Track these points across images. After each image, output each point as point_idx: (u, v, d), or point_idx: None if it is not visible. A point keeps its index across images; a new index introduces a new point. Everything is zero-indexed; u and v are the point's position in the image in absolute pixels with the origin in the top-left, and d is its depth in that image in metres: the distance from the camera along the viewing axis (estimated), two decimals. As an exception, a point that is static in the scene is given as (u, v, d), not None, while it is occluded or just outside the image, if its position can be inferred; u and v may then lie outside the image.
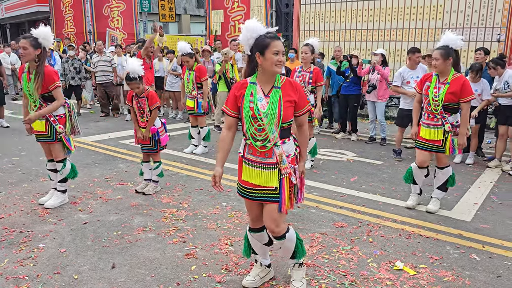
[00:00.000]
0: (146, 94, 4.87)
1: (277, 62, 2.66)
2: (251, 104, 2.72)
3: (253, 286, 3.06)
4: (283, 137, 2.76)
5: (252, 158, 2.82)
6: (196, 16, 27.69)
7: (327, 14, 10.92)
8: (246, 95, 2.75)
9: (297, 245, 2.97)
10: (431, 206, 4.60)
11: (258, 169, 2.80)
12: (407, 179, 4.77)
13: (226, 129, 2.89)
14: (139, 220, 4.26)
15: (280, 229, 2.84)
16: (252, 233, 3.04)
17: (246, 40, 2.73)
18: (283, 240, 2.89)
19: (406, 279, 3.21)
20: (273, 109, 2.68)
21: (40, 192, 4.99)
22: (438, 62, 4.27)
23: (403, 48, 9.88)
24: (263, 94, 2.74)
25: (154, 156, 5.12)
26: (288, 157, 2.77)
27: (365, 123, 9.88)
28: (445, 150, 4.41)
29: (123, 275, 3.23)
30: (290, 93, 2.74)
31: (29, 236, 3.86)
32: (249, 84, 2.79)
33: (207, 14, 14.04)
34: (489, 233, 4.07)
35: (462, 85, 4.24)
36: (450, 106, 4.33)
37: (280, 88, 2.74)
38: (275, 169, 2.76)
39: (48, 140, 4.46)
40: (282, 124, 2.72)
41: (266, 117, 2.69)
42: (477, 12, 8.87)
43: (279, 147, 2.74)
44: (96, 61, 10.46)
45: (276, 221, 2.81)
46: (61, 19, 17.43)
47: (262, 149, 2.75)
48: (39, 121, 4.38)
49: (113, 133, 8.59)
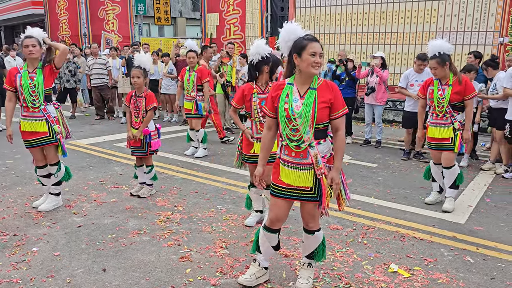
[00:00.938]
0: (144, 94, 4.88)
1: (313, 63, 2.69)
2: (286, 105, 2.78)
3: (248, 285, 3.10)
4: (318, 138, 2.79)
5: (288, 159, 2.86)
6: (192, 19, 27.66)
7: (322, 18, 10.96)
8: (282, 96, 2.81)
9: (319, 248, 3.05)
10: (447, 205, 4.71)
11: (293, 169, 2.84)
12: (426, 176, 5.00)
13: (266, 129, 2.99)
14: (134, 223, 4.25)
15: (315, 224, 2.98)
16: (265, 231, 3.05)
17: (284, 42, 2.80)
18: (311, 235, 3.00)
19: (401, 282, 3.22)
20: (307, 110, 2.71)
21: (34, 195, 4.96)
22: (437, 71, 4.53)
23: (397, 52, 9.93)
24: (299, 95, 2.78)
25: (146, 160, 5.05)
26: (324, 157, 2.81)
27: (360, 126, 9.91)
28: (455, 148, 4.57)
29: (117, 278, 3.21)
30: (325, 95, 2.74)
31: (23, 240, 3.83)
32: (286, 85, 2.85)
33: (202, 17, 14.05)
34: (483, 235, 4.09)
35: (464, 84, 4.49)
36: (456, 105, 4.56)
37: (316, 89, 2.76)
38: (310, 170, 2.80)
39: (50, 142, 4.39)
40: (317, 125, 2.76)
41: (300, 118, 2.73)
42: (471, 16, 8.94)
43: (314, 147, 2.77)
44: (91, 64, 10.43)
45: (314, 217, 2.95)
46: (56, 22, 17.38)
47: (297, 150, 2.80)
48: (38, 122, 4.32)
49: (108, 136, 8.56)
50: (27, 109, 4.31)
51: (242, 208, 4.69)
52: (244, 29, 13.02)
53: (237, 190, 5.32)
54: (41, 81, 4.26)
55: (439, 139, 4.65)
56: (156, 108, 4.98)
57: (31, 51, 4.21)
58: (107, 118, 10.72)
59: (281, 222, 3.02)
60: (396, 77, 9.88)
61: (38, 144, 4.40)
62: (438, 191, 4.93)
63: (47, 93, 4.36)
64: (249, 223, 4.27)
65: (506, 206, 4.89)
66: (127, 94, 5.13)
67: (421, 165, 6.69)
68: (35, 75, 4.26)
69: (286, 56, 2.85)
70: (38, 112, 4.32)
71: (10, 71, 4.39)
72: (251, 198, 4.25)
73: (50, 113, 4.37)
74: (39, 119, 4.33)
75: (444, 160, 4.68)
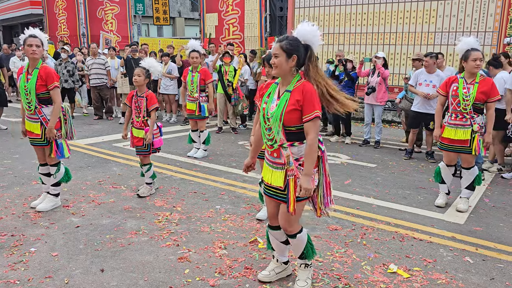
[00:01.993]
0: (146, 94, 4.90)
1: None
2: (265, 105, 2.82)
3: (267, 280, 3.15)
4: (291, 139, 2.76)
5: (267, 157, 2.92)
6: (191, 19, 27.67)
7: (321, 18, 10.96)
8: (264, 95, 2.86)
9: (307, 247, 3.03)
10: (461, 205, 4.70)
11: (270, 168, 2.89)
12: (436, 178, 4.93)
13: (255, 123, 3.07)
14: (132, 223, 4.23)
15: (291, 228, 2.94)
16: (269, 229, 3.13)
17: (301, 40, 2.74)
18: (293, 239, 2.99)
19: (400, 282, 3.21)
20: (277, 112, 2.72)
21: (32, 196, 4.94)
22: (481, 63, 4.50)
23: (396, 52, 9.94)
24: (277, 95, 2.80)
25: (144, 159, 5.06)
26: (298, 160, 2.77)
27: (359, 126, 9.91)
28: (472, 150, 4.52)
29: (115, 279, 3.20)
30: (297, 98, 2.69)
31: (21, 240, 3.81)
32: (273, 84, 2.89)
33: (201, 17, 14.04)
34: (482, 235, 4.08)
35: (492, 85, 4.48)
36: (478, 106, 4.52)
37: (291, 91, 2.73)
38: (282, 170, 2.80)
39: (41, 144, 4.42)
40: (287, 127, 2.73)
41: (271, 118, 2.74)
42: (470, 16, 8.95)
43: (286, 148, 2.76)
44: (90, 64, 10.41)
45: (288, 220, 2.91)
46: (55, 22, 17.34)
47: (270, 149, 2.83)
48: (34, 123, 4.36)
49: (106, 136, 8.54)
50: (26, 111, 4.38)
51: (241, 208, 4.68)
52: (243, 29, 13.01)
53: (235, 190, 5.31)
54: (33, 85, 4.23)
55: (456, 140, 4.58)
56: (157, 108, 5.01)
57: (34, 51, 4.22)
58: (106, 118, 10.69)
59: (276, 219, 3.03)
60: (395, 78, 9.89)
61: (34, 144, 4.48)
62: (447, 193, 4.91)
63: (43, 97, 4.32)
64: (260, 217, 4.33)
65: (505, 207, 4.88)
66: (127, 94, 5.15)
67: (421, 164, 6.69)
68: (31, 76, 4.26)
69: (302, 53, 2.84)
70: (33, 114, 4.35)
71: (19, 70, 4.46)
72: (262, 193, 4.24)
73: (46, 115, 4.36)
74: (34, 120, 4.37)
75: (464, 161, 4.68)
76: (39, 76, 4.25)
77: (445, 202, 4.86)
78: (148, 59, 5.06)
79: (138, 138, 4.97)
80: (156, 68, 5.03)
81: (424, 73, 6.86)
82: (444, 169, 4.83)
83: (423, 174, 6.19)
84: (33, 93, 4.26)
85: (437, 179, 4.93)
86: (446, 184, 4.88)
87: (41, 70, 4.27)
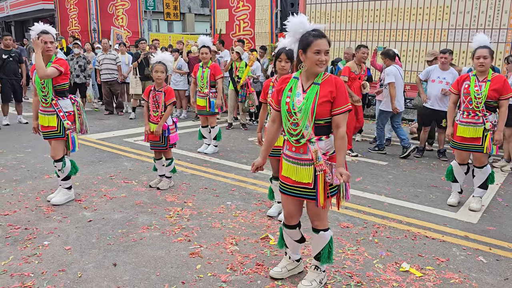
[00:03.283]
0: (164, 89, 4.94)
1: (317, 61, 2.65)
2: (288, 99, 2.76)
3: (279, 277, 3.14)
4: (318, 134, 2.73)
5: (289, 154, 2.85)
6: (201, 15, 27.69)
7: (332, 14, 10.88)
8: (286, 90, 2.80)
9: (325, 249, 2.97)
10: (474, 204, 4.67)
11: (294, 165, 2.82)
12: (448, 177, 4.89)
13: (271, 122, 2.99)
14: (144, 218, 4.25)
15: (320, 223, 2.92)
16: (286, 229, 3.08)
17: (292, 36, 2.77)
18: (316, 233, 2.95)
19: (413, 281, 3.19)
20: (307, 105, 2.67)
21: (44, 189, 4.99)
22: (486, 61, 4.41)
23: (408, 49, 9.83)
24: (302, 89, 2.75)
25: (166, 153, 5.15)
26: (325, 154, 2.74)
27: (369, 123, 9.85)
28: (484, 149, 4.48)
29: (128, 273, 3.22)
30: (328, 90, 2.67)
31: (34, 233, 3.85)
32: (292, 79, 2.83)
33: (211, 13, 14.02)
34: (496, 235, 4.04)
35: (504, 83, 4.42)
36: (490, 104, 4.46)
37: (320, 84, 2.71)
38: (310, 166, 2.76)
39: (57, 137, 4.46)
40: (317, 121, 2.70)
41: (300, 112, 2.69)
42: (484, 13, 8.82)
43: (314, 143, 2.72)
44: (101, 59, 10.46)
45: (318, 215, 2.90)
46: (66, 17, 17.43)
47: (297, 144, 2.77)
48: (49, 116, 4.41)
49: (117, 131, 8.59)
50: (41, 104, 4.44)
51: (252, 204, 4.68)
52: (254, 25, 12.96)
53: (246, 186, 5.31)
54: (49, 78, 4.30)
55: (468, 139, 4.53)
56: (175, 102, 5.05)
57: (49, 48, 4.29)
58: (117, 113, 10.75)
59: (295, 218, 3.01)
60: (407, 75, 9.79)
61: (49, 137, 4.50)
62: (459, 192, 4.87)
63: (59, 88, 4.42)
64: (271, 213, 4.32)
65: (519, 206, 4.83)
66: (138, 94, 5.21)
67: (432, 163, 6.63)
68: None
69: (293, 48, 2.82)
70: (50, 107, 4.42)
71: (33, 66, 4.49)
72: (273, 190, 4.25)
73: (62, 108, 4.44)
74: (50, 113, 4.43)
75: (476, 160, 4.63)
76: None
77: (458, 201, 4.82)
78: (160, 53, 5.07)
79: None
80: (168, 62, 5.04)
81: (438, 69, 6.78)
82: (457, 167, 4.78)
83: (434, 172, 6.13)
84: (50, 86, 4.34)
85: (449, 178, 4.88)
86: (458, 183, 4.83)
87: (55, 62, 4.34)
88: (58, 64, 4.31)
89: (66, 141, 4.52)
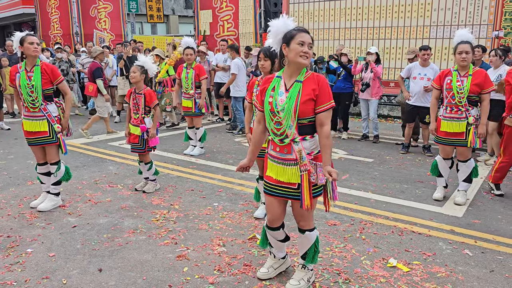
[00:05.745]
0: (144, 91, 4.91)
1: (301, 52, 2.62)
2: (271, 99, 2.73)
3: (267, 278, 3.12)
4: (302, 133, 2.71)
5: (274, 154, 2.82)
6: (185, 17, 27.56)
7: (315, 13, 10.92)
8: (268, 90, 2.78)
9: (311, 249, 2.96)
10: (459, 198, 4.71)
11: (279, 165, 2.79)
12: (433, 171, 4.92)
13: (256, 123, 2.96)
14: (130, 222, 4.20)
15: (306, 223, 2.91)
16: (269, 230, 3.03)
17: (275, 36, 2.74)
18: (301, 234, 2.94)
19: (400, 276, 3.20)
20: (290, 104, 2.65)
21: (27, 196, 4.90)
22: (468, 56, 4.46)
23: (391, 46, 9.92)
24: (284, 88, 2.73)
25: (143, 157, 5.09)
26: (310, 154, 2.72)
27: (355, 121, 9.91)
28: (468, 143, 4.53)
29: (114, 278, 3.17)
30: (311, 88, 2.65)
31: (17, 241, 3.77)
32: (275, 78, 2.80)
33: (195, 14, 13.96)
34: (481, 228, 4.08)
35: (485, 77, 4.47)
36: (472, 98, 4.51)
37: (302, 82, 2.68)
38: (295, 166, 2.73)
39: (50, 142, 4.39)
40: (300, 120, 2.67)
41: (283, 112, 2.67)
42: (464, 9, 8.94)
43: (298, 143, 2.70)
44: (85, 62, 10.33)
45: (303, 216, 2.88)
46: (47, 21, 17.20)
47: (281, 144, 2.75)
48: (38, 121, 4.33)
49: (102, 135, 8.49)
50: (27, 109, 4.33)
51: (239, 205, 4.66)
52: (238, 25, 12.96)
53: (233, 187, 5.28)
54: (39, 81, 4.24)
55: (452, 133, 4.58)
56: (158, 104, 5.02)
57: (36, 49, 4.24)
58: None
59: (279, 220, 2.97)
60: (391, 72, 9.88)
61: (39, 143, 4.42)
62: (444, 186, 4.91)
63: (47, 93, 4.36)
64: (258, 215, 4.29)
65: (503, 199, 4.89)
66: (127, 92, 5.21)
67: (418, 158, 6.69)
68: (33, 74, 4.25)
69: (277, 50, 2.79)
70: (38, 112, 4.33)
71: (11, 70, 4.40)
72: (260, 190, 4.23)
73: (51, 112, 4.38)
74: (40, 118, 4.34)
75: (460, 154, 4.68)
76: (43, 72, 4.28)
77: (443, 196, 4.86)
78: (142, 57, 5.03)
79: (135, 135, 4.95)
80: (152, 67, 5.05)
81: (418, 66, 6.85)
82: (441, 162, 4.83)
83: (420, 168, 6.19)
84: (40, 90, 4.26)
85: (434, 173, 4.93)
86: (443, 177, 4.87)
87: (43, 66, 4.30)
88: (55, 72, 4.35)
89: (57, 146, 4.46)
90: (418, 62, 6.89)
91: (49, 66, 4.35)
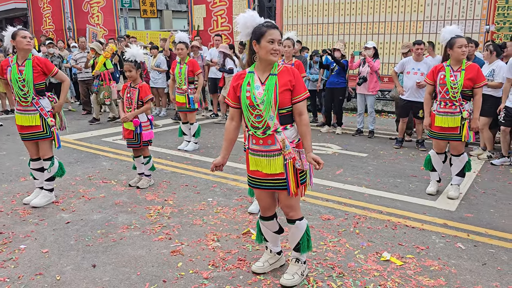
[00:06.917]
0: (139, 85, 4.89)
1: (272, 50, 2.69)
2: (248, 93, 2.77)
3: (261, 272, 3.14)
4: (283, 123, 2.78)
5: (256, 148, 2.85)
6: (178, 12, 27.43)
7: (309, 8, 10.90)
8: (243, 85, 2.81)
9: (303, 238, 2.99)
10: (452, 192, 4.73)
11: (263, 157, 2.83)
12: (427, 166, 4.95)
13: (229, 120, 2.97)
14: (124, 218, 4.19)
15: (294, 213, 2.95)
16: (263, 221, 3.09)
17: (244, 29, 2.77)
18: (292, 224, 2.97)
19: (393, 270, 3.22)
20: (269, 95, 2.70)
21: (20, 192, 4.86)
22: (467, 49, 4.53)
23: (385, 41, 9.93)
24: (260, 82, 2.77)
25: (142, 151, 5.09)
26: (292, 142, 2.79)
27: (349, 116, 9.92)
28: (462, 137, 4.56)
29: (108, 274, 3.16)
30: (286, 79, 2.73)
31: (10, 237, 3.75)
32: (247, 74, 2.84)
33: (189, 9, 13.88)
34: (473, 221, 4.11)
35: (477, 71, 4.50)
36: (466, 93, 4.53)
37: (277, 75, 2.75)
38: (279, 156, 2.79)
39: (44, 137, 4.37)
40: (280, 110, 2.74)
41: (263, 104, 2.71)
42: (458, 4, 8.96)
43: (281, 133, 2.76)
44: (78, 58, 10.25)
45: (291, 206, 2.92)
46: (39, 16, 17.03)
47: (263, 136, 2.78)
48: (30, 116, 4.30)
49: (95, 131, 8.44)
50: (19, 103, 4.31)
51: (233, 200, 4.66)
52: (231, 20, 12.89)
53: (227, 182, 5.28)
54: (30, 75, 4.21)
55: (446, 128, 4.59)
56: (153, 99, 4.99)
57: (29, 42, 4.23)
58: (94, 113, 10.54)
59: (271, 209, 3.03)
60: (385, 67, 9.89)
61: (32, 138, 4.39)
62: (438, 181, 4.94)
63: (39, 87, 4.33)
64: (252, 210, 4.30)
65: (495, 193, 4.93)
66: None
67: (411, 153, 6.72)
68: (24, 68, 4.22)
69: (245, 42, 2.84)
70: (31, 106, 4.30)
71: (2, 63, 4.37)
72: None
73: (43, 106, 4.34)
74: (32, 113, 4.32)
75: (453, 148, 4.70)
76: (35, 65, 4.25)
77: (436, 190, 4.89)
78: (129, 50, 4.94)
79: (129, 130, 4.93)
80: (139, 54, 4.90)
81: (412, 61, 6.87)
82: (434, 157, 4.85)
83: (413, 162, 6.22)
84: (31, 84, 4.24)
85: (427, 167, 4.95)
86: (436, 171, 4.90)
87: (35, 60, 4.28)
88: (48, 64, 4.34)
89: (51, 141, 4.45)
90: (411, 56, 6.91)
91: (41, 60, 4.33)
